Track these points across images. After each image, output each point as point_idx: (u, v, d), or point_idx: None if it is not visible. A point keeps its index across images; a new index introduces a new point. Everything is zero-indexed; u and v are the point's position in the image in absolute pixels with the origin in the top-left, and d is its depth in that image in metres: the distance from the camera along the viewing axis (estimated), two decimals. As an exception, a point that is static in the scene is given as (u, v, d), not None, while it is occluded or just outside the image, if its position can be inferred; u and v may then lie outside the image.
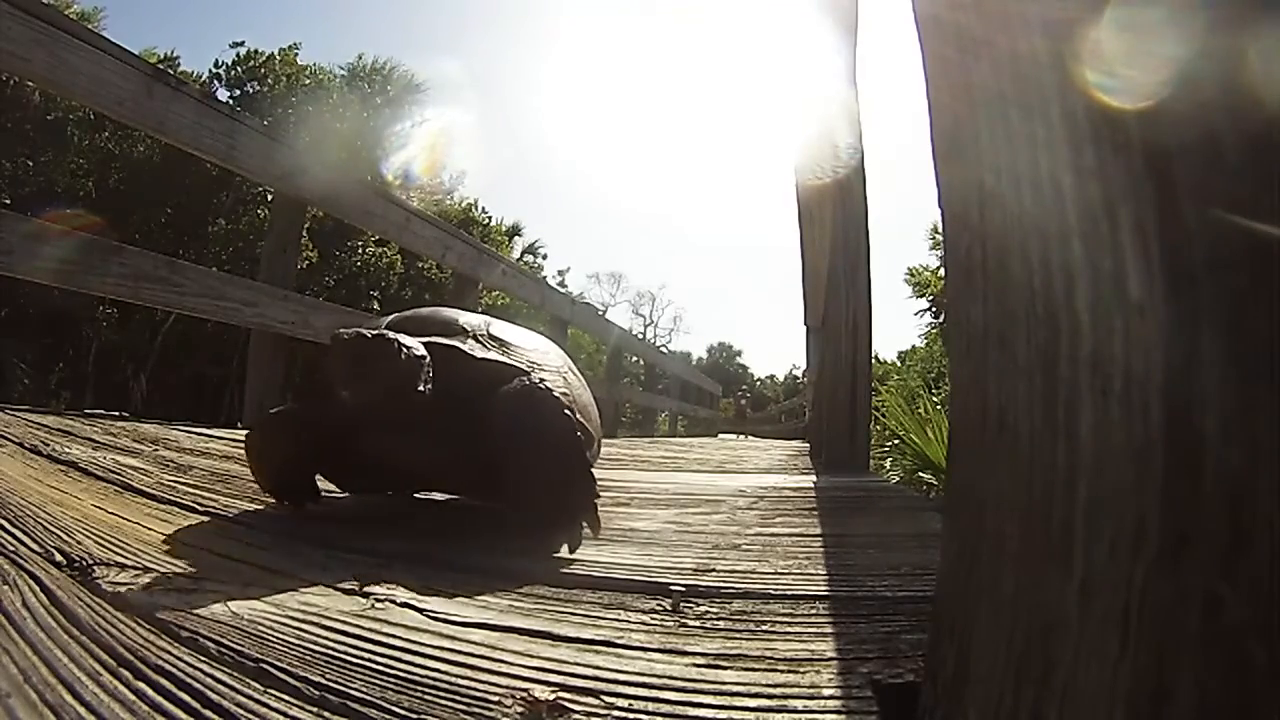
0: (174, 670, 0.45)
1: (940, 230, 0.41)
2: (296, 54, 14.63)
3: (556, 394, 0.94)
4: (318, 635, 0.53)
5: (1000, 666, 0.29)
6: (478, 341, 1.05)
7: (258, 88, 14.20)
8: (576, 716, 0.43)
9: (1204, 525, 0.22)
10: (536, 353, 1.12)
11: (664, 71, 47.14)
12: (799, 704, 0.45)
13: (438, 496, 1.20)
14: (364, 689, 0.45)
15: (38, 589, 0.57)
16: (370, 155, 14.43)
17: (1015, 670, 0.28)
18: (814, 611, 0.64)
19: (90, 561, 0.65)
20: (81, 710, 0.39)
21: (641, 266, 59.46)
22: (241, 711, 0.41)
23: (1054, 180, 0.27)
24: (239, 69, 14.41)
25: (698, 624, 0.60)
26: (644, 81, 47.64)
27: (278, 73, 14.31)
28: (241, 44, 14.62)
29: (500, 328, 1.14)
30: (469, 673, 0.48)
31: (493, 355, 1.02)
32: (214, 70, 14.45)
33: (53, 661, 0.44)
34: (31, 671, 0.43)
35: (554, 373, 1.09)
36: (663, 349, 20.09)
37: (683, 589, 0.69)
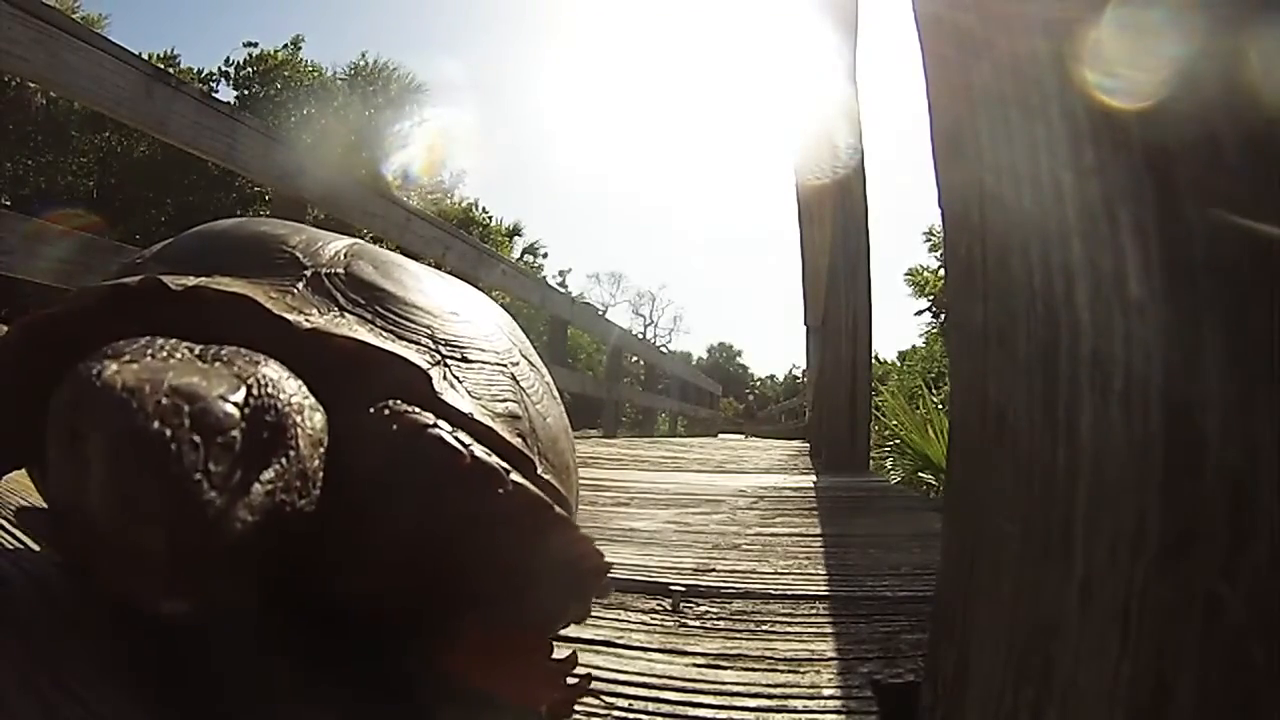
0: (175, 670, 0.45)
1: (939, 230, 0.41)
2: (300, 50, 14.65)
3: (480, 440, 0.44)
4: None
5: (1000, 666, 0.29)
6: (319, 290, 0.50)
7: (263, 89, 14.20)
8: (576, 716, 0.43)
9: (1204, 525, 0.22)
10: (448, 317, 0.55)
11: (664, 71, 47.19)
12: (799, 704, 0.45)
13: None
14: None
15: (38, 590, 0.57)
16: (371, 155, 14.44)
17: (1015, 670, 0.28)
18: (814, 611, 0.64)
19: (90, 561, 0.65)
20: (81, 712, 0.39)
21: (641, 266, 59.37)
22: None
23: (1054, 180, 0.27)
24: (250, 69, 14.39)
25: (698, 624, 0.60)
26: (644, 81, 47.70)
27: (286, 77, 14.31)
28: (255, 44, 14.62)
29: (374, 262, 0.56)
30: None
31: (342, 328, 0.47)
32: (223, 69, 14.46)
33: (53, 663, 0.44)
34: (31, 673, 0.43)
35: (487, 364, 0.54)
36: (663, 349, 20.07)
37: (683, 589, 0.69)
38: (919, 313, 15.08)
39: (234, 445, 0.35)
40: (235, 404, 0.36)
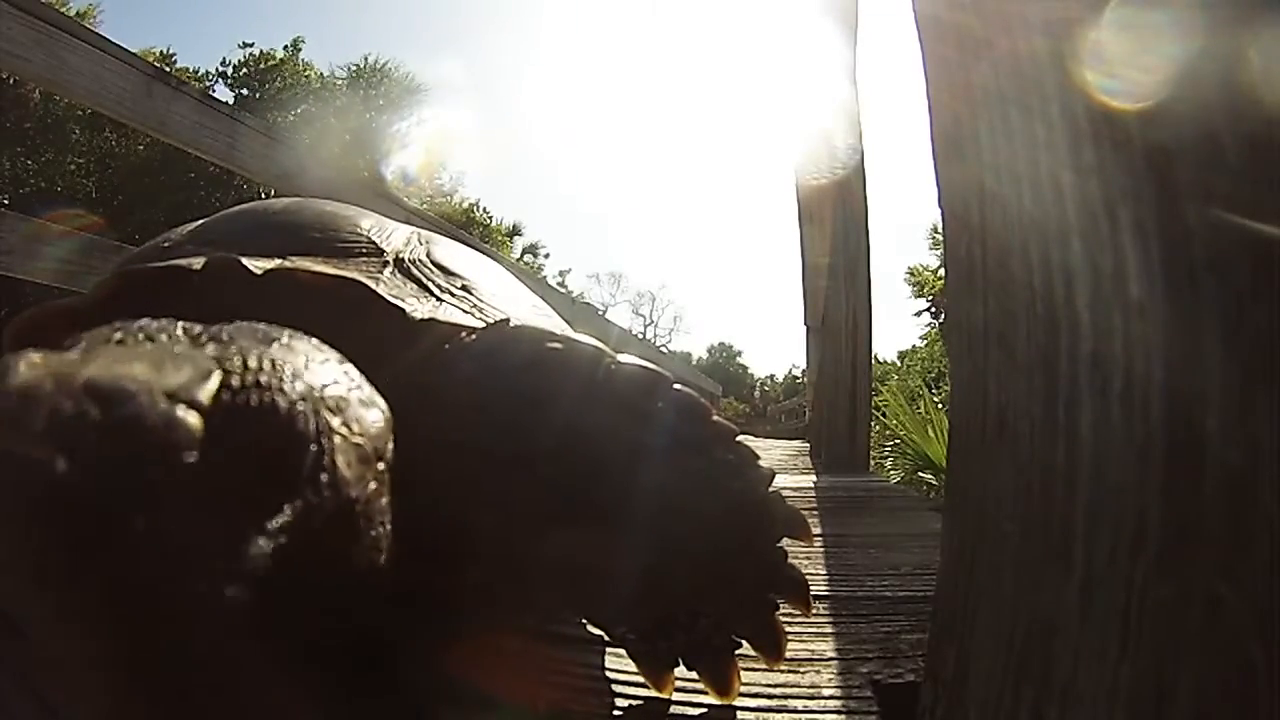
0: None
1: (940, 230, 0.41)
2: (300, 52, 14.66)
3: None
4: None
5: (1000, 666, 0.29)
6: (408, 276, 0.47)
7: (262, 89, 14.21)
8: (576, 716, 0.43)
9: (1204, 525, 0.22)
10: (530, 310, 0.56)
11: (665, 71, 47.20)
12: (799, 704, 0.45)
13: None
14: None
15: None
16: (371, 155, 14.46)
17: (1015, 670, 0.28)
18: (814, 611, 0.64)
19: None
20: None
21: (641, 266, 59.36)
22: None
23: (1054, 180, 0.27)
24: (246, 69, 14.41)
25: (698, 624, 0.59)
26: (645, 81, 47.70)
27: (285, 76, 14.32)
28: (251, 45, 14.65)
29: (450, 249, 0.55)
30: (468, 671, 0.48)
31: (453, 317, 0.44)
32: (220, 69, 14.49)
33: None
34: (30, 673, 0.43)
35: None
36: (662, 349, 20.07)
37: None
38: (919, 313, 15.08)
39: (204, 472, 0.22)
40: (194, 403, 0.22)
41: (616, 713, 0.44)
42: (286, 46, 14.67)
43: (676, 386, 0.41)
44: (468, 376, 0.39)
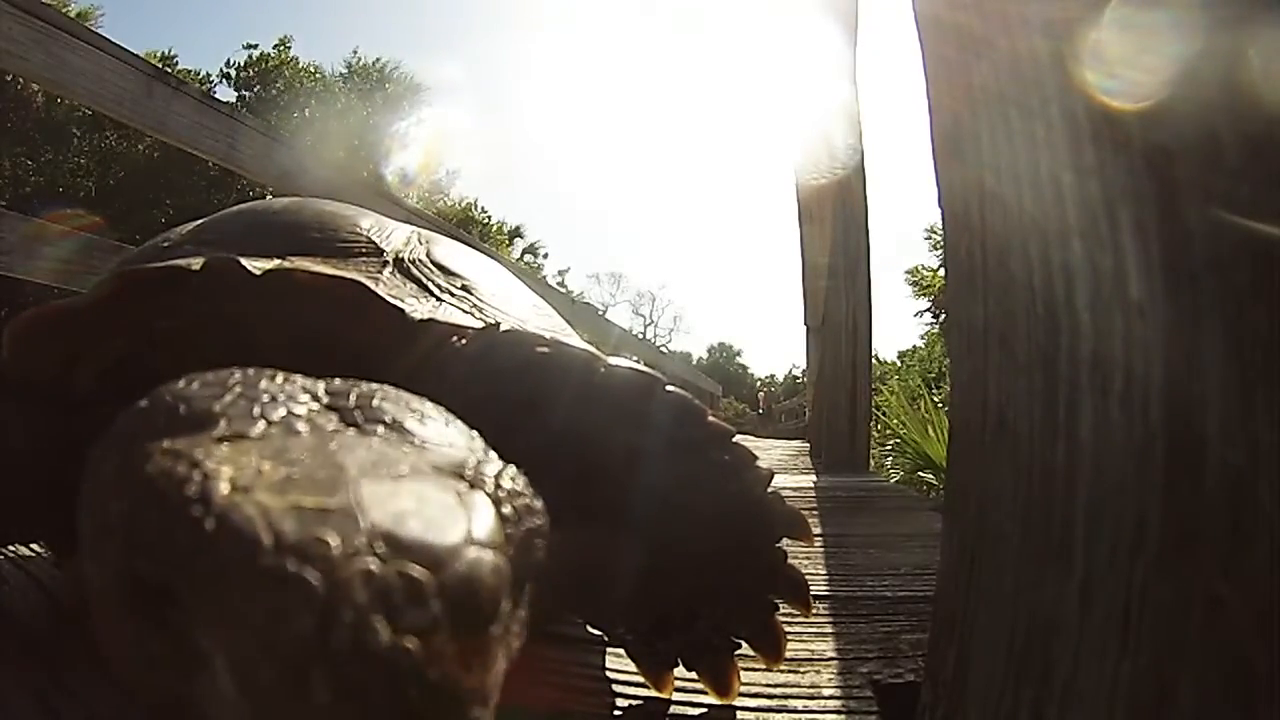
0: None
1: (940, 230, 0.41)
2: (289, 47, 14.67)
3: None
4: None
5: (1000, 666, 0.29)
6: (408, 276, 0.47)
7: (264, 90, 14.22)
8: (576, 716, 0.43)
9: (1204, 525, 0.22)
10: (531, 311, 0.56)
11: (665, 71, 47.23)
12: (799, 704, 0.45)
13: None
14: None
15: (38, 590, 0.57)
16: (370, 155, 14.47)
17: (1015, 670, 0.28)
18: (814, 611, 0.64)
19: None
20: (82, 712, 0.39)
21: (641, 266, 59.39)
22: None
23: (1054, 180, 0.27)
24: (250, 70, 14.43)
25: (698, 624, 0.59)
26: (645, 81, 47.73)
27: (287, 78, 14.34)
28: (255, 46, 14.68)
29: (450, 249, 0.54)
30: (469, 673, 0.47)
31: (453, 318, 0.44)
32: (224, 70, 14.52)
33: (53, 663, 0.44)
34: (31, 673, 0.43)
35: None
36: (663, 349, 20.06)
37: (683, 589, 0.68)
38: (919, 313, 15.09)
39: (505, 625, 0.22)
40: (494, 546, 0.22)
41: (616, 713, 0.44)
42: (276, 46, 14.70)
43: (670, 388, 0.41)
44: (461, 379, 0.39)
